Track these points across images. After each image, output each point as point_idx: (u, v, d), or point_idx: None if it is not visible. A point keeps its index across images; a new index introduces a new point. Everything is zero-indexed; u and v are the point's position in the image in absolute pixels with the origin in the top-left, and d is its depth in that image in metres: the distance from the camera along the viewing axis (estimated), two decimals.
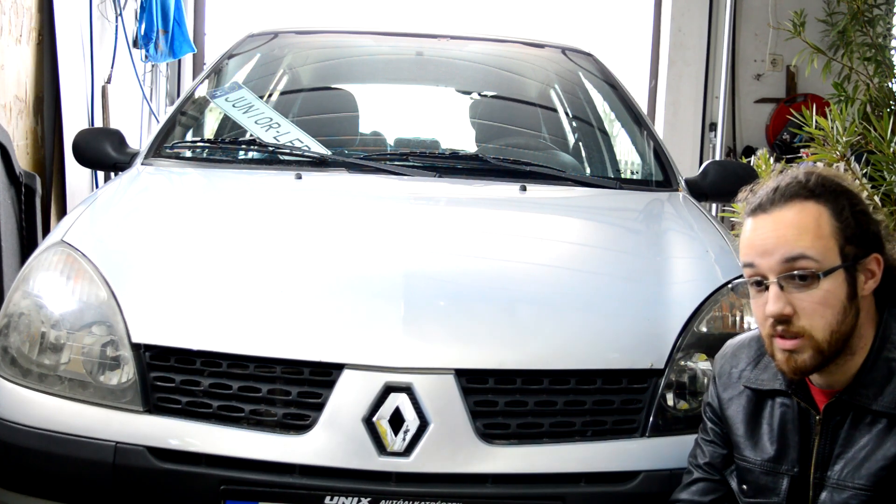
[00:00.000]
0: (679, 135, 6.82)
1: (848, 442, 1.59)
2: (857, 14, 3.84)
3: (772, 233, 1.57)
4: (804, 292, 1.54)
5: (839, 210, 1.57)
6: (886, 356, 1.57)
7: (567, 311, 2.04)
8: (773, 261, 1.56)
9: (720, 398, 1.79)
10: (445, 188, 2.70)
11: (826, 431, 1.62)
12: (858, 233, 1.57)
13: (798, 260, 1.54)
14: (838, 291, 1.55)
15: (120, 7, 5.56)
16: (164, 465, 1.84)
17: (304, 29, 3.92)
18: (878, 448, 1.54)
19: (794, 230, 1.56)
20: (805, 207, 1.57)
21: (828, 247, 1.55)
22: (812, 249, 1.54)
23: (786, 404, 1.69)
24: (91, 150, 2.93)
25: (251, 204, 2.57)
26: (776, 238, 1.56)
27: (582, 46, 3.69)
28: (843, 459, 1.59)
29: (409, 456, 1.81)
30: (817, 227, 1.55)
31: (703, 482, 1.80)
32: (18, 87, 4.37)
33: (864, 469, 1.55)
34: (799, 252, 1.54)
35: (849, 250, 1.56)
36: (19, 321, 2.01)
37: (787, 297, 1.55)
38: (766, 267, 1.57)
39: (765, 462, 1.69)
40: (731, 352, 1.81)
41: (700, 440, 1.83)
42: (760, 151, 4.80)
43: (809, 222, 1.56)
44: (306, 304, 1.98)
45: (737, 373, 1.77)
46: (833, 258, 1.55)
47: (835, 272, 1.54)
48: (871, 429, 1.56)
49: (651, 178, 3.00)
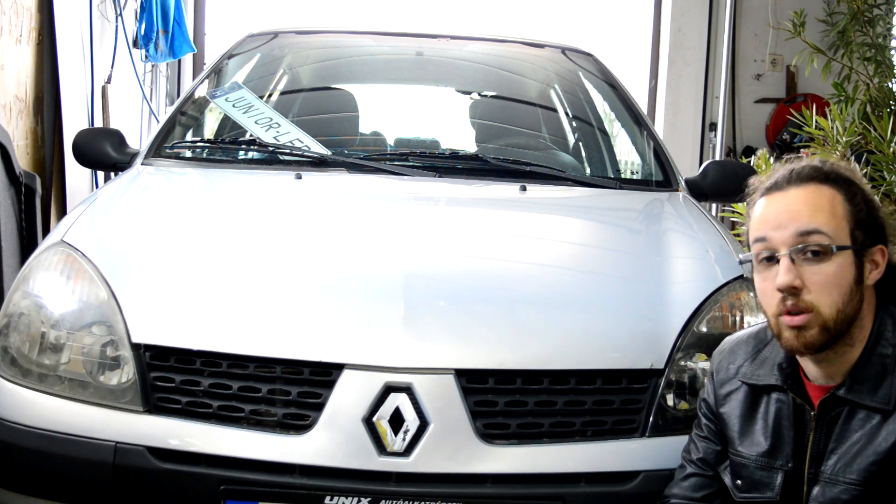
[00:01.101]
0: (679, 135, 6.82)
1: (842, 437, 1.60)
2: (857, 14, 3.84)
3: (787, 207, 1.61)
4: (815, 266, 1.57)
5: (852, 195, 1.61)
6: (881, 352, 1.59)
7: (567, 311, 2.04)
8: (787, 233, 1.59)
9: (717, 394, 1.79)
10: (445, 188, 2.70)
11: (821, 427, 1.63)
12: (868, 221, 1.61)
13: (812, 235, 1.58)
14: (846, 272, 1.58)
15: (120, 7, 5.56)
16: (164, 465, 1.84)
17: (304, 29, 3.92)
18: (870, 443, 1.56)
19: (810, 207, 1.60)
20: (820, 189, 1.61)
21: (840, 226, 1.59)
22: (826, 226, 1.58)
23: (781, 400, 1.70)
24: (91, 150, 2.93)
25: (251, 204, 2.57)
26: (791, 213, 1.60)
27: (582, 46, 3.68)
28: (836, 454, 1.60)
29: (409, 456, 1.81)
30: (832, 207, 1.59)
31: (696, 477, 1.80)
32: (18, 87, 4.37)
33: (856, 464, 1.56)
34: (814, 227, 1.58)
35: (858, 235, 1.60)
36: (19, 321, 2.01)
37: (797, 270, 1.58)
38: (780, 240, 1.60)
39: (759, 457, 1.70)
40: (730, 348, 1.82)
41: (694, 436, 1.84)
42: (760, 151, 4.80)
43: (824, 202, 1.60)
44: (306, 304, 1.98)
45: (734, 368, 1.78)
46: (844, 238, 1.59)
47: (845, 251, 1.58)
48: (864, 424, 1.58)
49: (651, 178, 3.00)
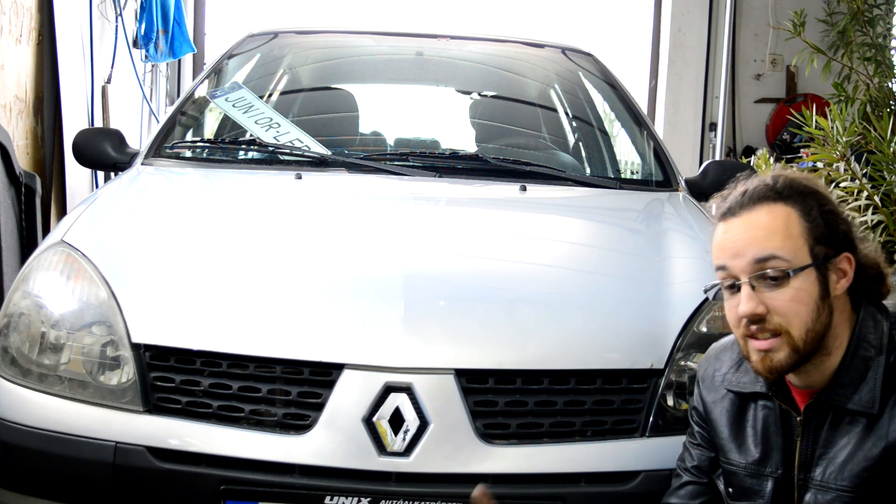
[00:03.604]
0: (679, 135, 6.83)
1: (829, 442, 1.59)
2: (857, 14, 3.84)
3: (742, 235, 1.59)
4: (775, 291, 1.55)
5: (807, 210, 1.58)
6: (863, 354, 1.58)
7: (567, 311, 2.04)
8: (745, 262, 1.57)
9: (704, 401, 1.78)
10: (445, 188, 2.70)
11: (807, 432, 1.62)
12: (828, 233, 1.58)
13: (769, 260, 1.55)
14: (810, 290, 1.55)
15: (120, 7, 5.56)
16: (164, 465, 1.84)
17: (304, 29, 3.92)
18: (859, 449, 1.55)
19: (764, 231, 1.57)
20: (773, 209, 1.58)
21: (797, 246, 1.56)
22: (782, 250, 1.55)
23: (768, 406, 1.69)
24: (91, 150, 2.93)
25: (251, 204, 2.57)
26: (746, 240, 1.58)
27: (582, 46, 3.68)
28: (825, 460, 1.59)
29: (409, 456, 1.81)
30: (786, 228, 1.57)
31: (691, 485, 1.79)
32: (18, 87, 4.37)
33: (847, 471, 1.55)
34: (769, 253, 1.55)
35: (818, 250, 1.57)
36: (19, 321, 2.01)
37: (759, 297, 1.56)
38: (738, 268, 1.58)
39: (749, 464, 1.69)
40: (714, 355, 1.81)
41: (687, 444, 1.83)
42: (760, 151, 4.81)
43: (778, 223, 1.57)
44: (306, 304, 1.98)
45: (720, 376, 1.77)
46: (803, 257, 1.56)
47: (805, 270, 1.55)
48: (850, 428, 1.57)
49: (651, 178, 3.00)
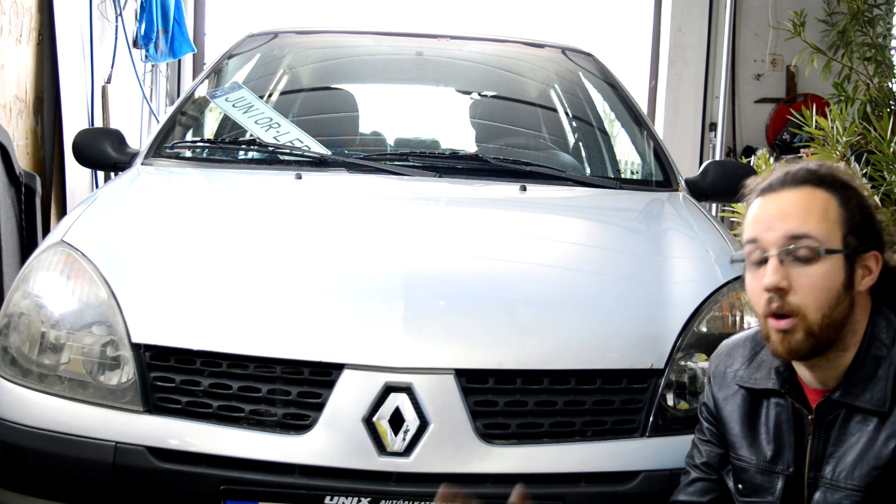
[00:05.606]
0: (679, 135, 6.82)
1: (840, 441, 1.59)
2: (857, 14, 3.84)
3: (779, 210, 1.60)
4: (802, 268, 1.56)
5: (846, 200, 1.60)
6: (875, 353, 1.58)
7: (567, 311, 2.04)
8: (777, 235, 1.58)
9: (715, 398, 1.78)
10: (445, 188, 2.70)
11: (819, 431, 1.62)
12: (862, 226, 1.59)
13: (802, 238, 1.56)
14: (835, 276, 1.56)
15: (120, 7, 5.56)
16: (164, 465, 1.84)
17: (304, 29, 3.92)
18: (870, 448, 1.55)
19: (802, 210, 1.58)
20: (815, 192, 1.60)
21: (831, 231, 1.57)
22: (817, 230, 1.56)
23: (780, 404, 1.69)
24: (91, 150, 2.93)
25: (251, 204, 2.57)
26: (783, 215, 1.59)
27: (582, 46, 3.68)
28: (835, 458, 1.59)
29: (409, 456, 1.81)
30: (824, 212, 1.58)
31: (700, 482, 1.80)
32: (18, 87, 4.37)
33: (858, 470, 1.55)
34: (804, 231, 1.56)
35: (851, 240, 1.58)
36: (19, 321, 2.01)
37: (785, 271, 1.56)
38: (770, 241, 1.58)
39: (760, 462, 1.69)
40: (726, 351, 1.81)
41: (697, 440, 1.83)
42: (760, 151, 4.80)
43: (817, 205, 1.58)
44: (306, 304, 1.98)
45: (731, 372, 1.77)
46: (835, 242, 1.57)
47: (834, 255, 1.56)
48: (861, 427, 1.57)
49: (651, 178, 3.00)
